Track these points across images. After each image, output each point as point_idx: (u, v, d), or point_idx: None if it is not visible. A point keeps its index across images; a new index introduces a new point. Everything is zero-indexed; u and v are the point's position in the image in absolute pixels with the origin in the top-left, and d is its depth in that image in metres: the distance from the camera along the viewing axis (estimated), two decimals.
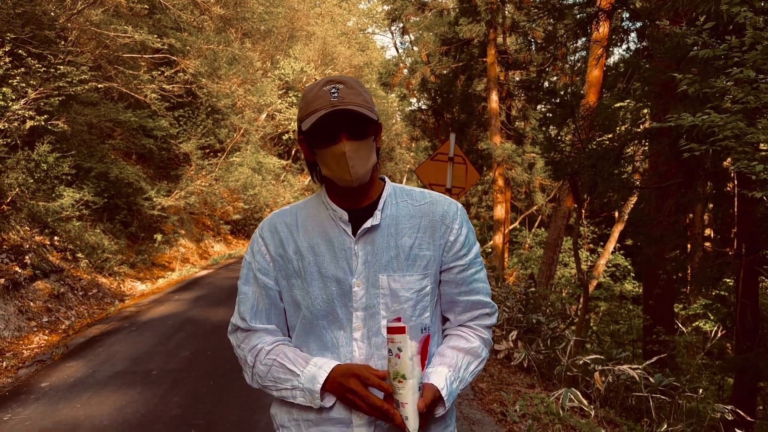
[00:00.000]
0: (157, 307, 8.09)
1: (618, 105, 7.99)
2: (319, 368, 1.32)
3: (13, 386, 4.75)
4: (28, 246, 7.67)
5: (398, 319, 1.27)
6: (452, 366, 1.37)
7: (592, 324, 13.12)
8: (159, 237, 12.94)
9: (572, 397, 4.72)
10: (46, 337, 6.40)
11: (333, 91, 1.30)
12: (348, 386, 1.26)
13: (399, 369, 1.21)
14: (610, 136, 7.07)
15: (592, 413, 4.80)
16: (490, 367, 6.42)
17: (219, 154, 17.74)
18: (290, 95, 22.44)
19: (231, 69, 17.89)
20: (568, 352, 6.58)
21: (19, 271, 7.11)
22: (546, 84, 21.49)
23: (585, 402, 4.77)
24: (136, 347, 5.96)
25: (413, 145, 35.36)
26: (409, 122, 25.40)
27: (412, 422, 1.21)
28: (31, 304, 6.92)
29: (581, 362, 5.90)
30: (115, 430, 3.90)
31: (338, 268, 1.38)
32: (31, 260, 7.45)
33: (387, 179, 1.50)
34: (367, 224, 1.38)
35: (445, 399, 1.30)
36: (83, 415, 4.13)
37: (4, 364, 5.34)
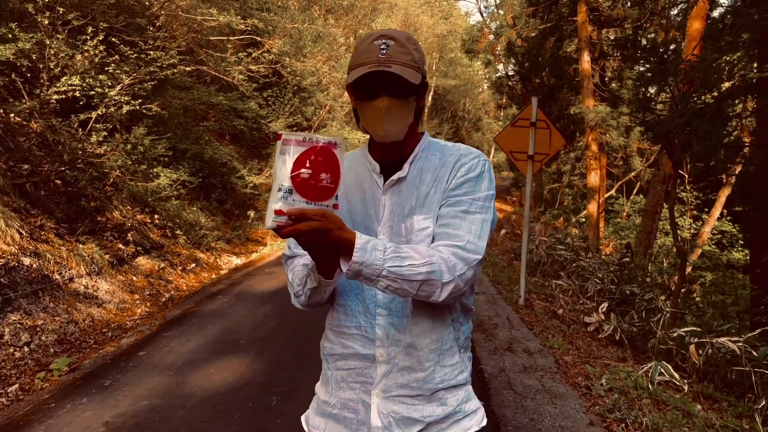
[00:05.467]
0: (249, 280, 8.45)
1: (722, 58, 7.32)
2: None
3: (115, 354, 5.13)
4: (130, 224, 8.22)
5: None
6: (387, 244, 1.26)
7: (695, 295, 12.34)
8: (252, 214, 13.48)
9: (663, 370, 4.46)
10: (147, 310, 6.86)
11: (383, 47, 1.34)
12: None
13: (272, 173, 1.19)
14: (715, 94, 6.50)
15: (686, 387, 4.52)
16: (578, 340, 6.20)
17: (306, 132, 18.11)
18: None
19: (315, 47, 18.12)
20: (662, 324, 6.23)
21: (123, 247, 7.64)
22: (644, 41, 20.08)
23: (676, 375, 4.50)
24: (227, 318, 6.26)
25: (501, 113, 34.45)
26: (496, 90, 24.72)
27: (267, 219, 1.16)
28: (134, 278, 7.43)
29: (676, 334, 5.56)
30: (203, 396, 4.12)
31: (367, 217, 1.46)
32: (133, 237, 7.98)
33: (427, 134, 1.54)
34: (395, 177, 1.44)
35: (354, 250, 1.19)
36: (174, 382, 4.40)
37: (109, 334, 5.78)
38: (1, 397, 4.28)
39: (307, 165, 1.15)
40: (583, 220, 18.36)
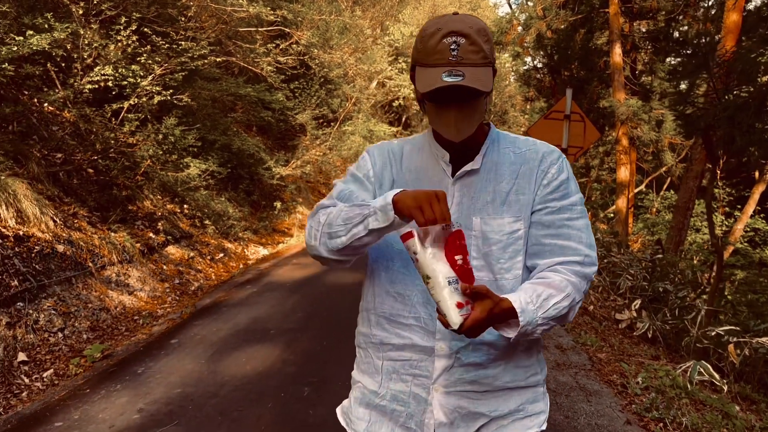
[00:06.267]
0: (277, 270, 8.47)
1: (764, 49, 7.08)
2: (390, 192, 1.29)
3: (147, 342, 5.18)
4: (160, 213, 8.29)
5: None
6: (528, 293, 1.25)
7: (727, 293, 12.08)
8: (278, 205, 13.53)
9: (702, 370, 4.35)
10: (177, 298, 6.92)
11: (453, 47, 1.25)
12: (425, 195, 1.20)
13: (421, 272, 1.18)
14: (751, 89, 6.28)
15: (725, 388, 4.40)
16: (610, 337, 6.09)
17: (332, 124, 18.11)
18: (400, 61, 22.33)
19: (342, 38, 18.09)
20: (698, 322, 6.08)
21: (153, 236, 7.70)
22: (676, 34, 19.59)
23: (717, 376, 4.38)
24: (256, 308, 6.28)
25: (527, 106, 34.04)
26: (523, 82, 24.37)
27: (453, 316, 1.15)
28: (164, 267, 7.49)
29: (713, 333, 5.42)
30: (234, 385, 4.13)
31: None
32: (163, 226, 8.05)
33: (492, 125, 1.48)
34: (467, 167, 1.39)
35: (519, 314, 1.19)
36: (207, 370, 4.42)
37: (141, 321, 5.83)
38: (36, 382, 4.35)
39: (458, 251, 1.18)
40: (612, 215, 18.09)
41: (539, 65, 23.47)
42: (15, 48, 5.90)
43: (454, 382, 1.37)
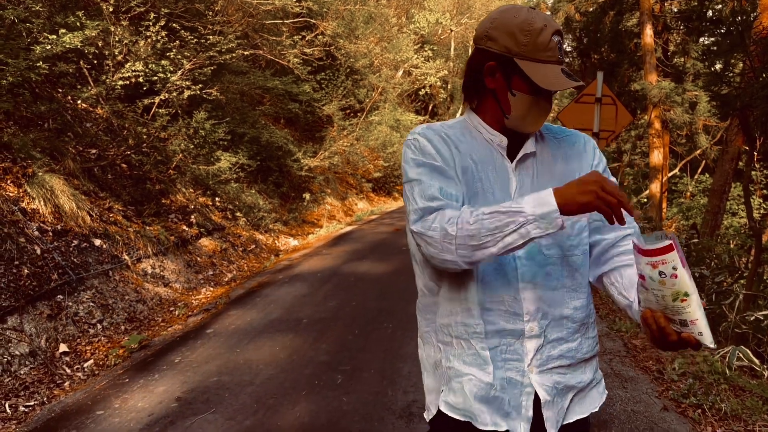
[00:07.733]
0: (307, 261, 8.55)
1: None
2: (538, 194, 1.21)
3: (183, 332, 5.28)
4: (193, 206, 8.42)
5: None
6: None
7: (765, 278, 11.78)
8: (307, 196, 13.62)
9: (741, 355, 4.26)
10: (211, 289, 7.04)
11: (559, 46, 1.32)
12: (590, 179, 1.17)
13: (679, 288, 1.09)
14: None
15: (765, 374, 4.30)
16: None
17: (359, 114, 18.12)
18: (426, 49, 22.17)
19: (368, 28, 18.04)
20: (736, 307, 5.95)
21: (186, 229, 7.84)
22: (710, 13, 19.02)
23: (756, 361, 4.28)
24: (288, 298, 6.35)
25: (557, 91, 33.46)
26: None
27: (708, 336, 1.11)
28: (198, 259, 7.62)
29: (752, 318, 5.30)
30: (269, 373, 4.19)
31: (499, 188, 1.41)
32: (196, 219, 8.18)
33: None
34: (526, 150, 1.43)
35: None
36: (242, 359, 4.49)
37: (176, 312, 5.95)
38: (77, 372, 4.48)
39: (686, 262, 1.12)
40: (645, 200, 17.76)
41: (568, 49, 23.07)
42: (49, 47, 6.03)
43: (545, 360, 1.40)
